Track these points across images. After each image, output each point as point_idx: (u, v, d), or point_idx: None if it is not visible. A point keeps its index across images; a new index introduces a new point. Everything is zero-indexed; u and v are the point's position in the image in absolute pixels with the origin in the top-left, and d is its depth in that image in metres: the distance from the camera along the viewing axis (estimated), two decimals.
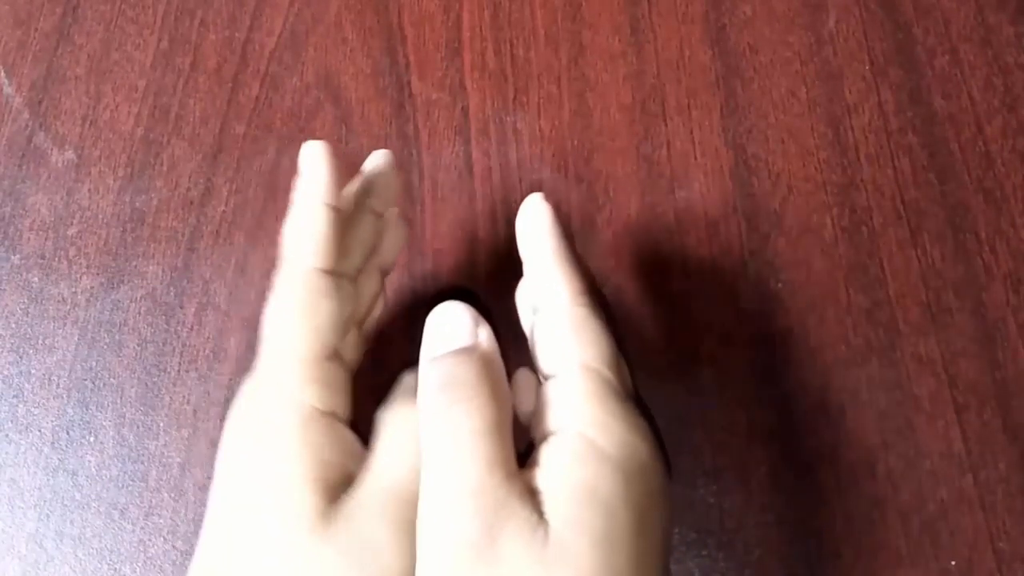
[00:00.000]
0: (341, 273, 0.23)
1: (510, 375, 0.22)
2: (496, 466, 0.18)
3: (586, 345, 0.21)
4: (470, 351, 0.19)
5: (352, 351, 0.24)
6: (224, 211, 0.36)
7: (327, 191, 0.23)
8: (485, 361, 0.19)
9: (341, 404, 0.22)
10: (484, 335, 0.20)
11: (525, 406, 0.22)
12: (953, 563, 0.29)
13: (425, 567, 0.18)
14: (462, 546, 0.17)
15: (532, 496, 0.18)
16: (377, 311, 0.27)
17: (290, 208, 0.24)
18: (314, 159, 0.24)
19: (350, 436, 0.22)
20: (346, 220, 0.24)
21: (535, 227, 0.23)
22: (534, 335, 0.22)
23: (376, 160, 0.27)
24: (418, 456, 0.20)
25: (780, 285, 0.33)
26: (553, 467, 0.19)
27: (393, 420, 0.22)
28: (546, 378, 0.22)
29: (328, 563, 0.18)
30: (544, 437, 0.20)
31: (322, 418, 0.21)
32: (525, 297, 0.24)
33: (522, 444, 0.21)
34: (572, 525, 0.18)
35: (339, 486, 0.20)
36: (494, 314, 0.26)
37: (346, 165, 0.36)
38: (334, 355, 0.22)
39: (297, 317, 0.22)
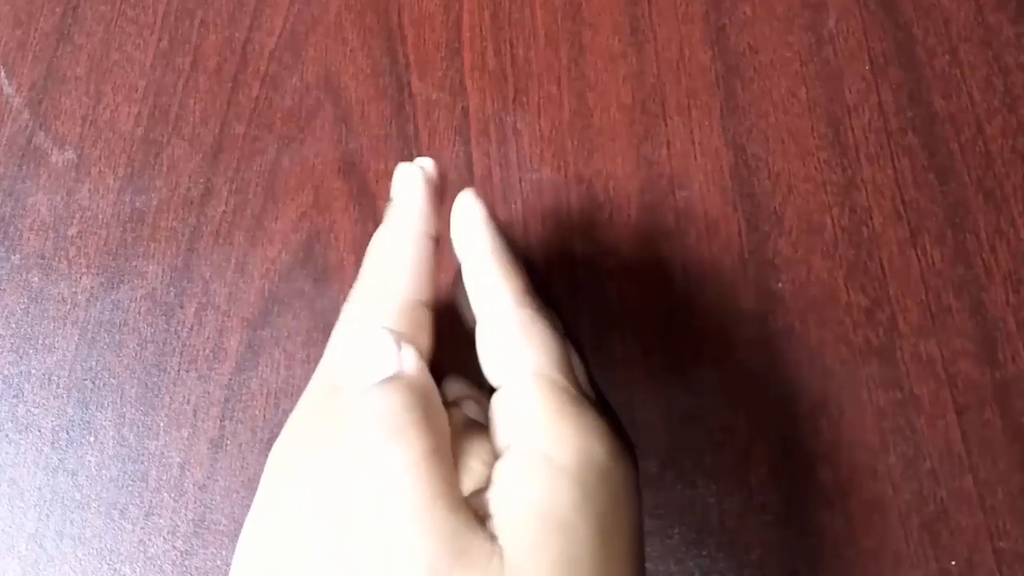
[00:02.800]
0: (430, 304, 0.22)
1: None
2: (439, 498, 0.17)
3: (534, 350, 0.20)
4: (395, 381, 0.19)
5: None
6: (224, 211, 0.36)
7: (428, 221, 0.22)
8: (412, 388, 0.19)
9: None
10: (408, 358, 0.19)
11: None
12: (953, 563, 0.29)
13: None
14: None
15: (483, 523, 0.18)
16: None
17: (383, 230, 0.23)
18: (411, 186, 0.22)
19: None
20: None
21: (468, 225, 0.22)
22: (478, 342, 0.22)
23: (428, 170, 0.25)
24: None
25: (780, 285, 0.33)
26: (506, 487, 0.18)
27: None
28: (495, 388, 0.21)
29: None
30: (497, 454, 0.20)
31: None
32: (465, 300, 0.23)
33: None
34: (528, 551, 0.17)
35: None
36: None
37: (348, 162, 0.36)
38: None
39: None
